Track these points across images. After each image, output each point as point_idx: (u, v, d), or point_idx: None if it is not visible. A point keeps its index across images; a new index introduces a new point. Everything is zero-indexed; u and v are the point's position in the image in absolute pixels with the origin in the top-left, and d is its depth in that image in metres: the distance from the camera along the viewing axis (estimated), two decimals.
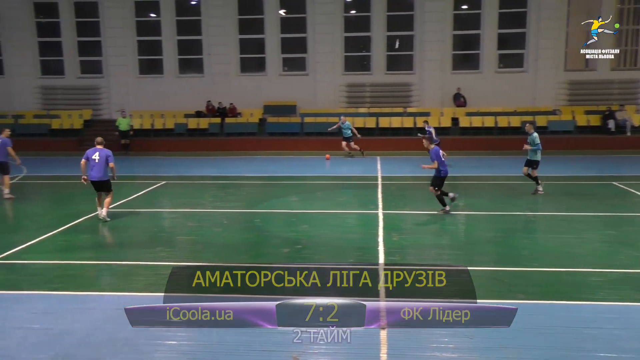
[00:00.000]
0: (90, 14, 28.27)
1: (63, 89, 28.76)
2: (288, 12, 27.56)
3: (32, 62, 28.57)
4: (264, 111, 27.39)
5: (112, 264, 9.16)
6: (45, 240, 10.68)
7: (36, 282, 8.26)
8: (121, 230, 11.62)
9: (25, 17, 28.12)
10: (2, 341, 6.31)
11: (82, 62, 28.76)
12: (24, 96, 28.66)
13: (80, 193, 16.11)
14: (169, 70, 28.06)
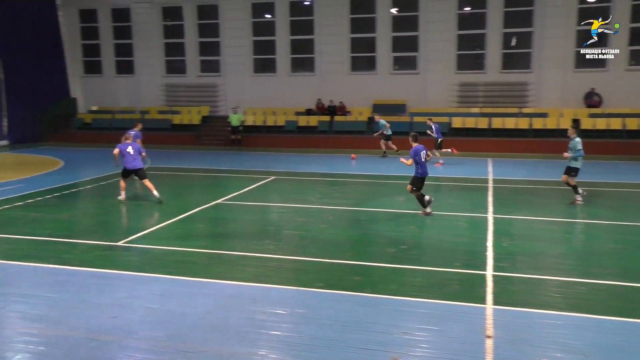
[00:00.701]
0: (211, 16, 29.76)
1: (184, 86, 30.53)
2: (400, 11, 27.31)
3: (158, 62, 30.61)
4: (372, 109, 27.36)
5: (223, 253, 9.55)
6: (164, 227, 11.37)
7: (156, 266, 8.82)
8: (232, 222, 12.11)
9: (154, 20, 30.18)
10: (126, 317, 6.81)
11: (202, 61, 30.37)
12: (150, 93, 30.79)
13: (197, 185, 17.02)
14: (281, 69, 28.85)
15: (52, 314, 6.95)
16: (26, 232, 10.81)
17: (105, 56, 31.60)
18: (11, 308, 7.13)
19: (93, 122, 29.68)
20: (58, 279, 8.19)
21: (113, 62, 31.64)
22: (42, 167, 20.04)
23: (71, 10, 31.57)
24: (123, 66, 31.70)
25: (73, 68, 31.94)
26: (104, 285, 7.92)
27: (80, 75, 32.25)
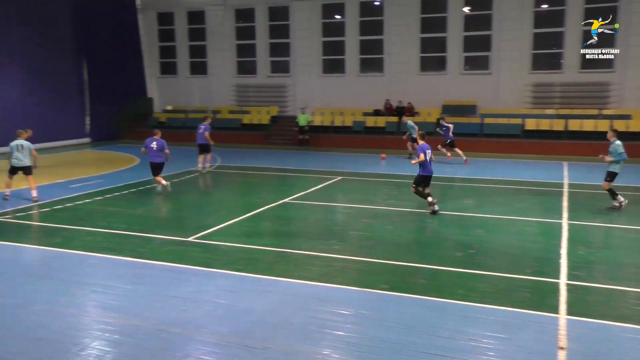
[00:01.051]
0: (282, 17, 30.18)
1: (254, 87, 31.13)
2: (473, 9, 26.70)
3: (230, 63, 31.37)
4: (442, 110, 26.90)
5: (289, 251, 9.67)
6: (233, 224, 11.65)
7: (223, 262, 9.05)
8: (298, 221, 12.24)
9: (227, 22, 30.96)
10: (195, 310, 7.03)
11: (272, 62, 30.86)
12: (222, 93, 31.61)
13: (265, 183, 17.31)
14: (350, 69, 28.87)
15: (127, 304, 7.27)
16: (105, 226, 11.36)
17: (180, 57, 32.72)
18: (90, 297, 7.51)
19: (167, 121, 30.78)
20: (134, 271, 8.55)
21: (187, 63, 32.71)
22: (119, 163, 21.00)
23: (150, 14, 32.89)
24: (197, 67, 32.70)
25: (150, 69, 33.26)
26: (175, 279, 8.20)
27: (156, 76, 33.54)
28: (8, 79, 24.64)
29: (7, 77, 24.60)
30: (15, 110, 24.84)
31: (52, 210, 12.83)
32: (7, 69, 24.51)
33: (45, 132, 26.36)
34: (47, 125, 26.65)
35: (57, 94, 27.40)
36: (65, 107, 27.89)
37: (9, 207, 13.16)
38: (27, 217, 12.09)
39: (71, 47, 28.31)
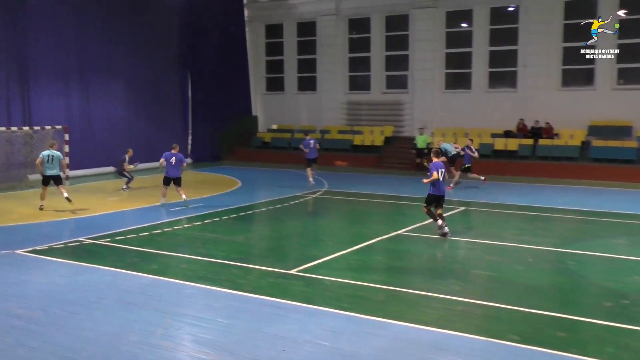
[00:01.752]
0: (400, 27, 30.35)
1: (368, 104, 31.43)
2: (630, 13, 25.22)
3: (341, 78, 31.96)
4: (588, 132, 25.57)
5: (401, 290, 9.56)
6: (339, 257, 11.73)
7: (327, 299, 9.11)
8: (413, 256, 12.09)
9: (339, 33, 31.65)
10: (295, 351, 7.13)
11: (387, 77, 31.05)
12: (332, 111, 32.21)
13: (376, 212, 17.30)
14: (477, 84, 28.35)
15: (222, 340, 7.52)
16: (203, 253, 11.90)
17: (288, 72, 33.86)
18: (186, 330, 7.87)
19: (272, 141, 31.84)
20: (231, 304, 8.85)
21: (295, 79, 33.77)
22: (221, 186, 21.98)
23: (258, 25, 34.45)
24: (305, 82, 33.66)
25: (256, 85, 34.72)
26: (275, 315, 8.38)
27: (262, 93, 34.93)
28: (112, 96, 26.71)
29: (111, 95, 26.66)
30: (119, 127, 26.83)
31: (151, 235, 13.65)
32: (111, 86, 26.60)
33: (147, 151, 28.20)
34: (150, 144, 28.48)
35: (161, 111, 29.30)
36: (168, 125, 29.72)
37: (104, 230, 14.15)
38: (125, 241, 12.95)
39: (176, 62, 30.28)
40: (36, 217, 15.77)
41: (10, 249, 12.06)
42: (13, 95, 22.29)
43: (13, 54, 22.23)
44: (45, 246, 12.36)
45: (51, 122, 22.93)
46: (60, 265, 11.09)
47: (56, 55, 23.94)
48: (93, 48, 25.51)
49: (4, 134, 20.26)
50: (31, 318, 8.19)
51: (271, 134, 32.52)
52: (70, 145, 22.57)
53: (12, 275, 10.32)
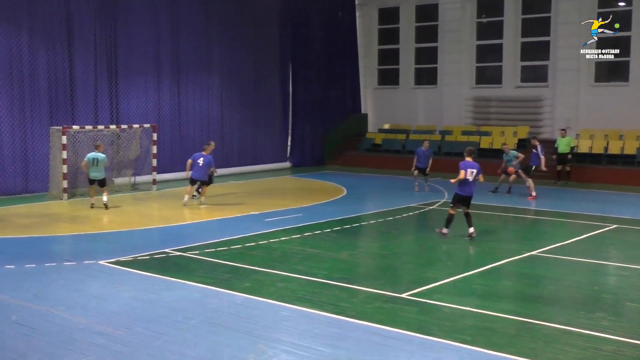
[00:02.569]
0: (540, 8, 29.52)
1: (498, 100, 30.77)
2: None
3: (467, 70, 31.49)
4: None
5: (537, 323, 9.26)
6: (460, 280, 11.53)
7: (446, 329, 8.96)
8: (551, 282, 11.72)
9: (466, 17, 31.22)
10: None
11: (523, 68, 30.27)
12: (454, 109, 31.80)
13: (506, 228, 16.88)
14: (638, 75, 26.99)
15: None
16: (302, 271, 12.06)
17: (404, 63, 33.78)
18: (280, 358, 7.99)
19: (383, 143, 31.84)
20: (332, 331, 8.90)
21: (412, 71, 33.64)
22: (323, 194, 22.23)
23: (370, 9, 34.64)
24: (424, 75, 33.46)
25: (366, 79, 34.89)
26: (383, 346, 8.34)
27: (373, 87, 35.06)
28: (205, 93, 27.67)
29: (204, 92, 27.63)
30: (212, 128, 27.76)
31: (244, 248, 14.01)
32: (205, 82, 27.57)
33: (243, 155, 29.08)
34: (246, 146, 29.35)
35: (258, 110, 29.98)
36: (266, 125, 30.45)
37: (193, 242, 14.67)
38: (216, 255, 13.37)
39: (276, 54, 30.90)
40: (121, 225, 16.62)
41: (93, 259, 12.78)
42: (101, 92, 23.57)
43: (102, 47, 23.52)
44: (129, 257, 13.00)
45: (139, 120, 24.10)
46: (145, 278, 11.60)
47: (148, 49, 25.07)
48: (187, 41, 26.54)
49: (90, 133, 21.54)
50: (114, 336, 8.60)
51: (383, 135, 32.55)
52: (159, 146, 23.62)
53: (95, 288, 10.92)
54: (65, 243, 14.96)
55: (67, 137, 20.43)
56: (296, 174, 28.99)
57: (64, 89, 22.45)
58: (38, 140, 21.60)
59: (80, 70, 22.88)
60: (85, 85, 23.04)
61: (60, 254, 13.69)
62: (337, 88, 33.14)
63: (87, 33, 22.99)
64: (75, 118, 22.64)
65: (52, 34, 22.01)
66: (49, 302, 10.07)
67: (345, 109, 33.84)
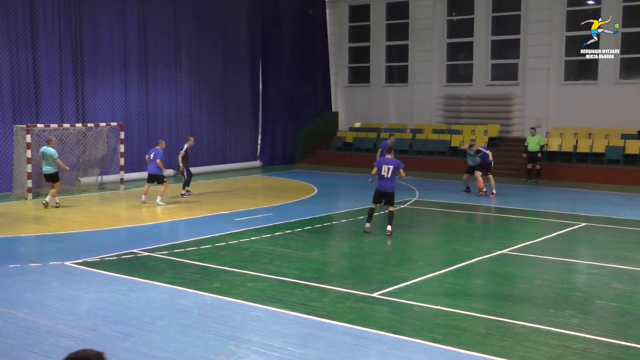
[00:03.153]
0: (510, 6, 29.78)
1: (469, 99, 31.00)
2: None
3: (439, 68, 31.66)
4: None
5: (507, 321, 9.35)
6: (431, 279, 11.61)
7: (417, 328, 9.02)
8: (521, 281, 11.83)
9: (437, 15, 31.38)
10: None
11: (494, 66, 30.53)
12: (425, 107, 31.99)
13: (476, 227, 17.03)
14: (606, 74, 27.40)
15: None
16: (272, 271, 12.05)
17: (374, 61, 33.88)
18: (251, 358, 7.98)
19: (354, 141, 31.92)
20: (303, 331, 8.91)
21: (383, 69, 33.76)
22: (293, 193, 22.23)
23: (341, 7, 34.68)
24: (395, 73, 33.60)
25: (337, 76, 34.94)
26: (354, 346, 8.37)
27: (344, 85, 35.11)
28: (174, 90, 27.51)
29: (173, 88, 27.47)
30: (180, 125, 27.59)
31: (214, 248, 13.96)
32: (173, 79, 27.41)
33: (213, 153, 28.95)
34: (216, 145, 29.24)
35: (228, 107, 29.90)
36: (236, 123, 30.37)
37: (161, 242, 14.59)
38: (185, 255, 13.30)
39: (245, 51, 30.80)
40: (88, 225, 16.45)
41: (59, 260, 12.64)
42: (67, 89, 23.28)
43: (67, 43, 23.21)
44: (96, 258, 12.88)
45: (107, 118, 23.87)
46: (112, 279, 11.50)
47: (115, 45, 24.83)
48: (155, 37, 26.36)
49: (55, 131, 21.27)
50: (80, 338, 8.52)
51: (354, 134, 32.62)
52: (126, 145, 23.42)
53: (61, 290, 10.80)
54: (30, 244, 14.76)
55: (31, 135, 20.17)
56: (266, 173, 28.94)
57: (27, 86, 22.12)
58: (1, 139, 21.27)
59: (45, 67, 22.56)
60: (50, 83, 22.72)
61: (25, 255, 13.51)
62: (308, 86, 33.16)
63: (51, 29, 22.67)
64: (40, 116, 22.33)
65: (15, 30, 21.67)
66: (14, 304, 9.94)
67: (316, 107, 33.87)
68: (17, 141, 20.63)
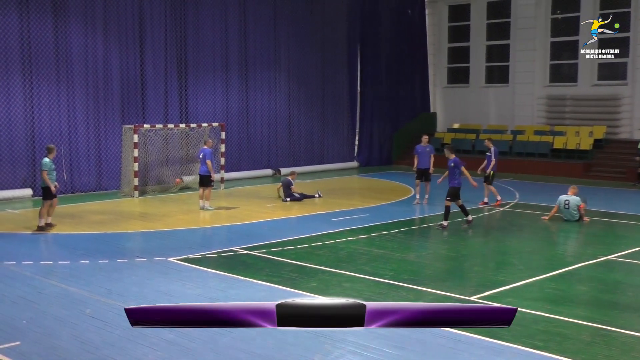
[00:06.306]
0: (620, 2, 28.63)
1: (573, 99, 30.03)
2: None
3: (541, 67, 30.84)
4: None
5: (612, 330, 9.04)
6: (532, 284, 11.34)
7: (517, 334, 8.81)
8: (629, 288, 11.43)
9: (540, 14, 30.56)
10: None
11: (601, 65, 29.44)
12: (527, 108, 31.21)
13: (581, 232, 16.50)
14: None
15: None
16: (368, 271, 12.07)
17: (474, 61, 33.34)
18: (347, 358, 8.03)
19: (452, 142, 31.47)
20: (401, 333, 8.87)
21: (483, 69, 33.17)
22: (390, 194, 22.17)
23: (441, 7, 34.33)
24: (495, 73, 32.95)
25: (436, 77, 34.60)
26: (451, 350, 8.29)
27: (442, 86, 34.73)
28: (273, 91, 27.97)
29: (272, 90, 27.93)
30: (279, 126, 28.05)
31: (310, 248, 14.11)
32: (273, 80, 27.86)
33: (310, 154, 29.24)
34: (313, 145, 29.52)
35: (326, 109, 30.16)
36: (333, 124, 30.60)
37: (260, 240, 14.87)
38: (282, 254, 13.51)
39: (344, 51, 30.99)
40: (190, 222, 16.98)
41: (163, 256, 13.09)
42: (171, 91, 24.14)
43: (172, 47, 24.07)
44: (198, 255, 13.27)
45: (208, 119, 24.55)
46: (213, 276, 11.83)
47: (216, 48, 25.52)
48: (256, 39, 26.88)
49: (160, 131, 22.07)
50: (182, 333, 8.80)
51: (452, 135, 32.21)
52: (227, 145, 24.01)
53: (164, 285, 11.20)
54: (136, 240, 15.39)
55: (138, 135, 20.98)
56: (363, 174, 28.98)
57: (135, 88, 23.05)
58: (111, 138, 22.24)
59: (151, 70, 23.46)
60: (155, 85, 23.62)
61: (132, 250, 14.10)
62: (406, 87, 32.99)
63: (158, 33, 23.55)
64: (146, 117, 23.23)
65: (125, 34, 22.64)
66: (121, 297, 10.39)
67: (414, 108, 33.64)
68: (125, 141, 21.50)
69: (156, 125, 22.25)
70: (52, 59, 20.93)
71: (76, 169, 21.58)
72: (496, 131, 30.92)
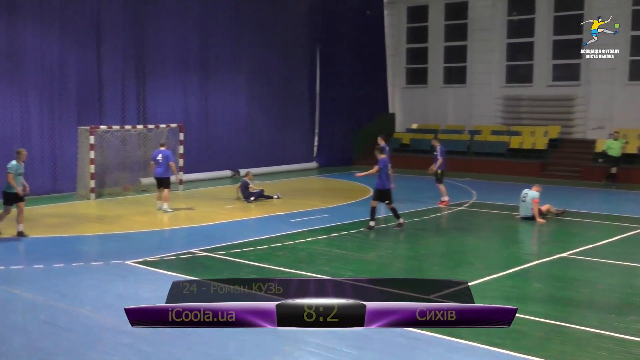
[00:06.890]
0: (573, 4, 29.14)
1: (529, 99, 30.48)
2: None
3: (497, 68, 31.24)
4: None
5: (567, 326, 9.19)
6: (489, 282, 11.46)
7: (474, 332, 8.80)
8: (583, 285, 11.62)
9: (496, 15, 30.95)
10: None
11: (555, 66, 29.95)
12: (484, 108, 31.58)
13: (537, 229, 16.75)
14: None
15: None
16: (328, 272, 12.08)
17: (432, 62, 33.62)
18: (306, 359, 8.01)
19: (412, 143, 31.72)
20: (360, 333, 8.88)
21: (441, 70, 33.47)
22: (349, 195, 22.22)
23: (399, 8, 34.51)
24: (453, 74, 33.26)
25: (394, 78, 34.79)
26: (410, 348, 8.34)
27: (401, 87, 34.94)
28: (233, 91, 27.74)
29: (232, 90, 27.71)
30: (239, 126, 27.86)
31: (270, 249, 14.07)
32: (233, 80, 27.64)
33: (270, 154, 29.13)
34: (274, 146, 29.42)
35: (286, 109, 30.05)
36: (293, 124, 30.54)
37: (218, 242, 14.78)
38: (241, 255, 13.44)
39: (304, 52, 30.99)
40: (148, 225, 16.79)
41: (120, 259, 12.92)
42: (129, 91, 23.82)
43: (130, 47, 23.73)
44: (156, 257, 13.12)
45: (167, 119, 24.29)
46: (171, 279, 11.61)
47: (177, 47, 25.27)
48: (216, 39, 26.67)
49: (117, 133, 21.78)
50: (140, 336, 8.67)
51: (411, 135, 32.42)
52: (186, 146, 23.80)
53: (122, 288, 11.05)
54: (92, 243, 15.17)
55: (95, 137, 20.68)
56: (323, 174, 29.01)
57: (92, 88, 22.70)
58: (66, 140, 21.85)
59: (109, 70, 23.13)
60: (113, 85, 23.30)
61: (88, 253, 13.89)
62: (365, 87, 33.07)
63: (115, 32, 23.21)
64: (103, 118, 22.89)
65: (82, 33, 22.26)
66: (77, 302, 10.22)
67: (373, 109, 33.76)
68: (81, 142, 21.17)
69: (113, 127, 21.96)
70: (3, 59, 20.50)
71: (30, 171, 21.11)
72: (454, 131, 31.25)
